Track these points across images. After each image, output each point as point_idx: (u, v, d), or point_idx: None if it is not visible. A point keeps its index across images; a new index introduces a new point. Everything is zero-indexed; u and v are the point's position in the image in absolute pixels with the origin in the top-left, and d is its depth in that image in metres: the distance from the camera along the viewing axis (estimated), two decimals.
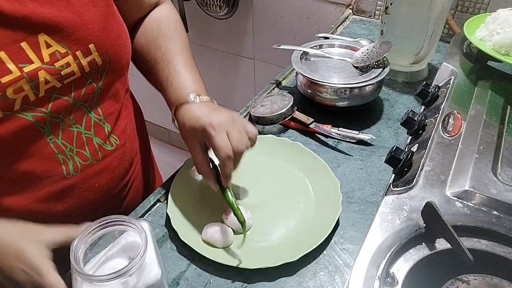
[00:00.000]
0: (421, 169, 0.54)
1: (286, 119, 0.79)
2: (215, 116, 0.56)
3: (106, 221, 0.46)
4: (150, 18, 0.69)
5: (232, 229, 0.59)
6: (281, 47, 0.90)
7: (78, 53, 0.52)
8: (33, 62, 0.48)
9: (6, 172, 0.51)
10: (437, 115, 0.64)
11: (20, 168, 0.52)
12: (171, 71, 0.63)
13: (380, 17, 0.94)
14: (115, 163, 0.63)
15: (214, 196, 0.66)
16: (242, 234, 0.58)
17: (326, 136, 0.78)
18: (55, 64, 0.50)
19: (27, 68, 0.48)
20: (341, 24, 1.21)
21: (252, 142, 0.59)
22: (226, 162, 0.55)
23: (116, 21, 0.58)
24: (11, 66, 0.46)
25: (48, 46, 0.49)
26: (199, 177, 0.68)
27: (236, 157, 0.56)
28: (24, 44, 0.47)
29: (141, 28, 0.68)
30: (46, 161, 0.54)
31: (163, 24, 0.68)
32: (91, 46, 0.53)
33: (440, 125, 0.61)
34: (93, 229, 0.45)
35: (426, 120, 0.65)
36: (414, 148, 0.61)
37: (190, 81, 0.63)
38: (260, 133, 0.80)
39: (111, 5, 0.57)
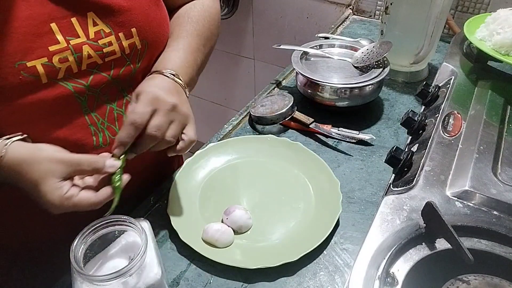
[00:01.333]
0: (421, 169, 0.54)
1: (286, 119, 0.79)
2: (158, 91, 0.52)
3: (106, 221, 0.46)
4: (189, 3, 0.71)
5: (232, 229, 0.59)
6: (281, 47, 0.90)
7: (120, 34, 0.56)
8: (80, 37, 0.52)
9: (41, 137, 0.53)
10: (437, 115, 0.64)
11: (54, 134, 0.54)
12: (172, 45, 0.62)
13: (380, 17, 0.94)
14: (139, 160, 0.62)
15: (214, 196, 0.66)
16: (243, 234, 0.58)
17: (326, 136, 0.78)
18: (98, 41, 0.54)
19: (73, 41, 0.52)
20: (341, 24, 1.21)
21: (183, 146, 0.53)
22: (127, 127, 0.49)
23: (159, 10, 0.61)
24: (59, 37, 0.50)
25: (95, 24, 0.54)
26: (199, 177, 0.69)
27: (145, 139, 0.50)
28: (74, 20, 0.52)
29: (178, 10, 0.70)
30: (79, 130, 0.56)
31: (195, 8, 0.69)
32: (133, 30, 0.57)
33: (440, 125, 0.61)
34: (93, 229, 0.45)
35: (426, 120, 0.65)
36: (414, 148, 0.61)
37: (179, 61, 0.60)
38: (260, 133, 0.80)
39: None
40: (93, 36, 0.53)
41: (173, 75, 0.57)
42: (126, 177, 0.50)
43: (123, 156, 0.50)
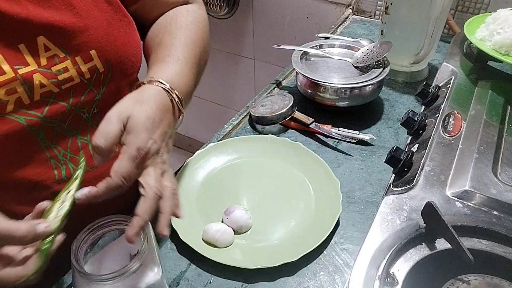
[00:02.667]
0: (421, 169, 0.54)
1: (286, 119, 0.79)
2: (141, 112, 0.46)
3: (106, 221, 0.46)
4: (170, 11, 0.64)
5: (232, 229, 0.59)
6: (281, 47, 0.90)
7: (77, 58, 0.51)
8: (29, 65, 0.47)
9: None
10: (437, 115, 0.64)
11: (11, 172, 0.51)
12: (165, 55, 0.56)
13: (380, 17, 0.94)
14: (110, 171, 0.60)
15: (214, 196, 0.66)
16: (243, 234, 0.58)
17: (326, 136, 0.78)
18: (52, 68, 0.49)
19: (22, 70, 0.47)
20: (341, 24, 1.21)
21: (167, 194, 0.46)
22: (97, 148, 0.43)
23: (124, 28, 0.55)
24: (5, 67, 0.46)
25: (47, 49, 0.49)
26: (199, 177, 0.68)
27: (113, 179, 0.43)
28: (21, 46, 0.47)
29: (157, 20, 0.63)
30: (38, 165, 0.52)
31: (181, 15, 0.62)
32: (93, 52, 0.52)
33: (440, 125, 0.61)
34: (94, 229, 0.45)
35: (426, 120, 0.65)
36: (414, 148, 0.61)
37: (174, 71, 0.54)
38: (260, 133, 0.80)
39: (120, 10, 0.55)
40: (45, 63, 0.48)
41: (166, 87, 0.50)
42: (59, 238, 0.42)
43: (62, 215, 0.43)
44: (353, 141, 0.76)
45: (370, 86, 0.79)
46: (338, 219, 0.60)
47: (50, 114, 0.51)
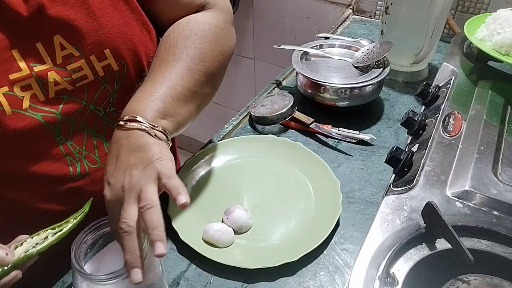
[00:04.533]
0: (422, 169, 0.54)
1: (286, 119, 0.79)
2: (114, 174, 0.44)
3: (106, 221, 0.46)
4: (181, 23, 0.59)
5: (233, 229, 0.59)
6: (281, 47, 0.90)
7: (92, 57, 0.51)
8: (45, 63, 0.49)
9: (12, 171, 0.51)
10: (438, 115, 0.64)
11: (26, 168, 0.52)
12: (146, 81, 0.52)
13: (381, 17, 0.94)
14: None
15: (214, 196, 0.66)
16: (243, 234, 0.58)
17: (327, 136, 0.78)
18: (67, 66, 0.50)
19: (38, 68, 0.48)
20: (341, 24, 1.21)
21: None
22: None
23: (140, 27, 0.56)
24: (22, 64, 0.47)
25: (63, 48, 0.50)
26: (199, 177, 0.68)
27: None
28: (39, 45, 0.48)
29: (172, 27, 0.59)
30: (53, 161, 0.53)
31: (188, 28, 0.57)
32: (107, 51, 0.52)
33: (441, 125, 0.61)
34: (94, 228, 0.45)
35: (427, 120, 0.65)
36: (415, 148, 0.61)
37: (145, 97, 0.49)
38: (260, 133, 0.80)
39: (136, 10, 0.55)
40: (60, 61, 0.49)
41: (128, 120, 0.46)
42: (14, 274, 0.41)
43: (29, 254, 0.41)
44: (353, 141, 0.76)
45: (370, 86, 0.79)
46: (338, 219, 0.60)
47: (66, 111, 0.52)
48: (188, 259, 0.57)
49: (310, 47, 0.89)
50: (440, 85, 0.73)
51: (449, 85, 0.71)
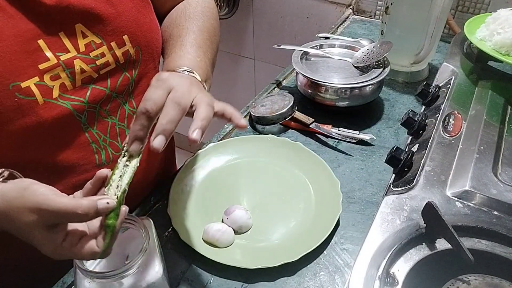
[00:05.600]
0: (422, 169, 0.54)
1: (287, 119, 0.79)
2: (173, 75, 0.48)
3: None
4: (181, 3, 0.68)
5: (233, 229, 0.59)
6: (282, 47, 0.90)
7: (112, 44, 0.53)
8: (70, 51, 0.50)
9: (40, 160, 0.52)
10: (438, 115, 0.64)
11: (54, 156, 0.53)
12: (176, 45, 0.60)
13: (381, 17, 0.94)
14: (144, 156, 0.61)
15: (214, 196, 0.66)
16: (243, 234, 0.58)
17: (327, 136, 0.78)
18: (90, 54, 0.52)
19: (64, 57, 0.50)
20: (341, 24, 1.21)
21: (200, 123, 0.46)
22: (138, 118, 0.43)
23: (148, 15, 0.59)
24: (48, 53, 0.48)
25: (84, 36, 0.51)
26: (199, 177, 0.68)
27: (162, 128, 0.42)
28: (62, 34, 0.49)
29: (169, 13, 0.67)
30: (80, 150, 0.55)
31: (190, 6, 0.66)
32: (125, 37, 0.55)
33: (441, 125, 0.61)
34: None
35: (427, 120, 0.65)
36: (415, 148, 0.61)
37: (190, 56, 0.57)
38: (260, 133, 0.80)
39: None
40: (83, 49, 0.51)
41: (188, 71, 0.53)
42: (124, 210, 0.41)
43: (123, 189, 0.42)
44: (353, 141, 0.76)
45: (370, 86, 0.79)
46: (338, 219, 0.60)
47: (92, 98, 0.53)
48: (188, 259, 0.57)
49: (310, 47, 0.89)
50: (440, 85, 0.73)
51: (449, 85, 0.71)
